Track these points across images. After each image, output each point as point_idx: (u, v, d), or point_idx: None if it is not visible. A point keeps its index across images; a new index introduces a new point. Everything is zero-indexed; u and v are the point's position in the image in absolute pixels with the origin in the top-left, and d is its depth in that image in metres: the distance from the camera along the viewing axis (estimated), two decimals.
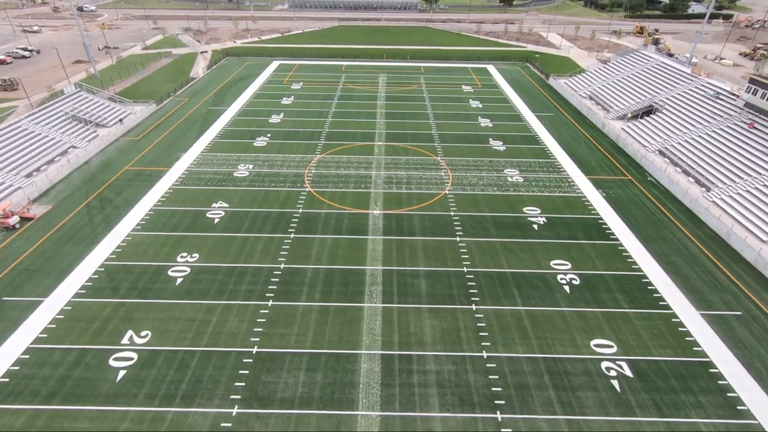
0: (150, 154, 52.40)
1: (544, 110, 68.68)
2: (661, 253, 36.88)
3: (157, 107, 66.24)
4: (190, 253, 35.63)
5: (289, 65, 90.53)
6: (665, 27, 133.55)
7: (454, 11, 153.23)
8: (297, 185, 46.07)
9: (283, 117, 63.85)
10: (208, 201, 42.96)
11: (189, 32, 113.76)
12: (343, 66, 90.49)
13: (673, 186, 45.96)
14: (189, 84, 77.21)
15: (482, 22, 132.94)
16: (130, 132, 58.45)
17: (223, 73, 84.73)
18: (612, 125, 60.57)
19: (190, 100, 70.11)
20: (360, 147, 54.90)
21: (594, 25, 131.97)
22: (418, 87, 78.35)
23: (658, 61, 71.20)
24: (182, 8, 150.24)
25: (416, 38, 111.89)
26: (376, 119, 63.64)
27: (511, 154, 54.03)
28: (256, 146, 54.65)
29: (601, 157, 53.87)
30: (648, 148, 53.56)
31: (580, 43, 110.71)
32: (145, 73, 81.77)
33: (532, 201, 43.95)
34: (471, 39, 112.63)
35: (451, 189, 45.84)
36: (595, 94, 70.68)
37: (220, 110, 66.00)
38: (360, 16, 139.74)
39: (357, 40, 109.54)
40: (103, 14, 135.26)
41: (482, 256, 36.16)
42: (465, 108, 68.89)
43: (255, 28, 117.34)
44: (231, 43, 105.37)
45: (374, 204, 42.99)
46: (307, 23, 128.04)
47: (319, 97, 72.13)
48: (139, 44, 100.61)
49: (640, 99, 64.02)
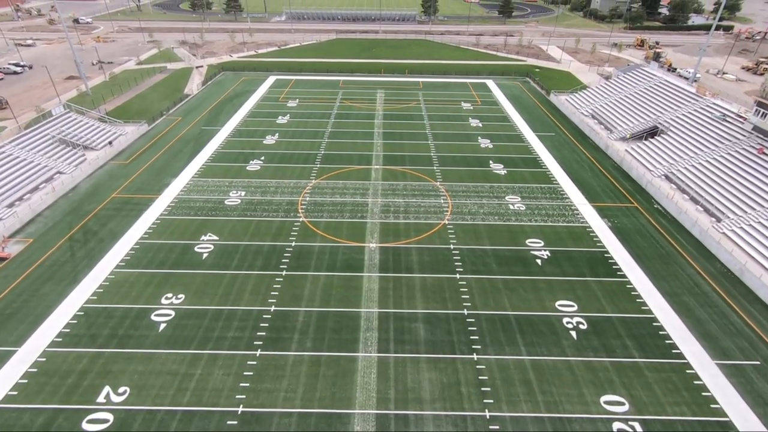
0: (139, 179, 50.64)
1: (545, 129, 67.12)
2: (672, 292, 35.09)
3: (148, 127, 64.59)
4: (175, 294, 33.76)
5: (285, 81, 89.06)
6: (665, 39, 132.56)
7: (453, 23, 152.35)
8: (290, 214, 44.29)
9: (278, 138, 62.22)
10: (197, 233, 41.16)
11: (185, 45, 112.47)
12: (340, 81, 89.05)
13: (681, 215, 44.26)
14: (183, 101, 75.64)
15: (481, 35, 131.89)
16: (120, 155, 56.74)
17: (218, 89, 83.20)
18: (615, 147, 58.97)
19: (183, 119, 68.50)
20: (357, 171, 53.21)
21: (594, 38, 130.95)
22: (416, 104, 76.83)
23: (662, 79, 69.77)
24: (179, 20, 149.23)
25: (415, 51, 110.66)
26: (373, 140, 62.02)
27: (513, 178, 52.35)
28: (249, 170, 52.93)
29: (605, 181, 52.20)
30: (653, 173, 51.90)
31: (581, 56, 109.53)
32: (138, 90, 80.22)
33: (535, 232, 42.19)
34: (470, 52, 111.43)
35: (450, 218, 44.08)
36: (596, 113, 69.17)
37: (213, 130, 64.36)
38: (358, 28, 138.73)
39: (355, 53, 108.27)
40: (99, 26, 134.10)
41: (483, 295, 34.33)
42: (464, 127, 67.33)
43: (252, 41, 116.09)
44: (227, 56, 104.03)
45: (370, 236, 41.20)
46: (304, 36, 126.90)
47: (315, 115, 70.56)
48: (133, 59, 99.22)
49: (644, 119, 62.50)
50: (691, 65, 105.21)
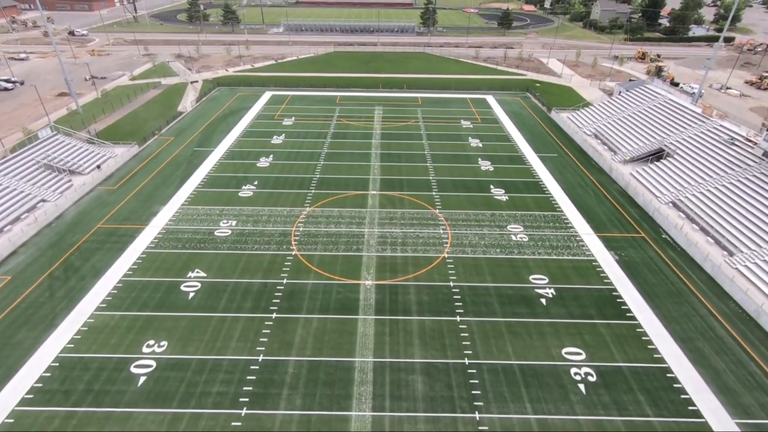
0: (126, 207, 48.69)
1: (547, 150, 65.37)
2: (685, 337, 33.12)
3: (139, 149, 62.75)
4: (158, 341, 31.73)
5: (281, 96, 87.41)
6: (666, 51, 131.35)
7: (452, 34, 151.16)
8: (283, 247, 42.34)
9: (272, 160, 60.39)
10: (184, 269, 39.18)
11: (180, 59, 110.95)
12: (337, 97, 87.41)
13: (691, 247, 42.36)
14: (176, 120, 73.87)
15: (481, 47, 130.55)
16: (108, 180, 54.83)
17: (213, 106, 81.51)
18: (620, 170, 57.18)
19: (175, 139, 66.69)
20: (353, 197, 51.32)
21: (594, 50, 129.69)
22: (415, 123, 75.11)
23: (666, 98, 68.13)
24: (176, 31, 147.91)
25: (413, 65, 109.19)
26: (370, 162, 60.21)
27: (515, 205, 50.47)
28: (241, 197, 51.04)
29: (610, 208, 50.32)
30: (660, 199, 50.06)
31: (582, 70, 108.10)
32: (131, 108, 78.47)
33: (539, 267, 40.25)
34: (469, 66, 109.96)
35: (450, 251, 42.16)
36: (599, 132, 67.46)
37: (206, 152, 62.55)
38: (356, 40, 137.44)
39: (352, 67, 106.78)
40: (95, 39, 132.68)
41: (485, 341, 32.34)
42: (464, 147, 65.57)
43: (248, 55, 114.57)
44: (223, 71, 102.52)
45: (366, 272, 39.24)
46: (302, 48, 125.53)
47: (311, 135, 68.81)
48: (127, 73, 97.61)
49: (648, 141, 60.78)
50: (694, 79, 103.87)
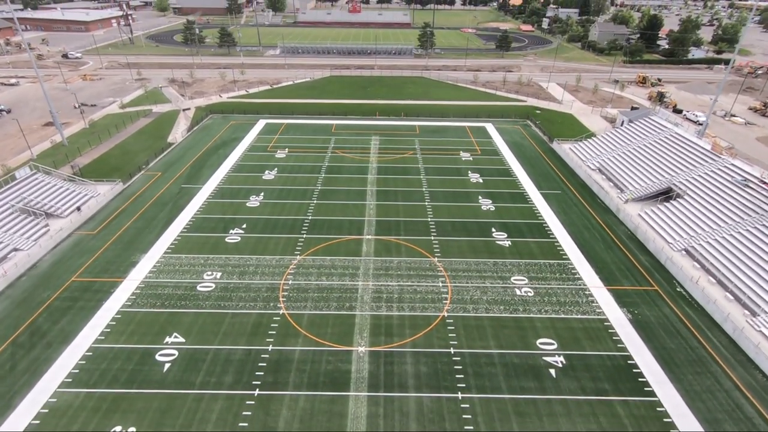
0: (105, 256, 45.64)
1: (551, 186, 62.76)
2: (711, 418, 29.95)
3: (124, 186, 59.96)
4: (125, 427, 28.46)
5: (276, 125, 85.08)
6: (666, 74, 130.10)
7: (450, 56, 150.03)
8: (270, 305, 39.26)
9: (262, 198, 57.62)
10: (161, 332, 36.03)
11: (174, 84, 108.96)
12: (333, 126, 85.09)
13: (709, 305, 39.40)
14: (165, 152, 71.25)
15: (479, 70, 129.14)
16: (88, 223, 51.83)
17: (204, 136, 79.01)
18: (627, 210, 54.46)
19: (163, 175, 63.94)
20: (347, 243, 48.42)
21: (594, 74, 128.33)
22: (412, 155, 72.61)
23: (672, 131, 65.82)
24: (171, 54, 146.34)
25: (411, 91, 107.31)
26: (365, 200, 57.45)
27: (518, 251, 47.58)
28: (228, 243, 48.10)
29: (619, 255, 47.44)
30: (672, 246, 47.23)
31: (582, 95, 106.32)
32: (119, 138, 75.90)
33: (546, 329, 37.17)
34: (468, 91, 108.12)
35: (450, 309, 39.11)
36: (604, 167, 64.97)
37: (194, 189, 59.77)
38: (353, 63, 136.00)
39: (349, 93, 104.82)
40: (89, 62, 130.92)
41: (490, 424, 29.12)
42: (464, 183, 62.93)
43: (243, 80, 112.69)
44: (217, 97, 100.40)
45: (359, 336, 36.13)
46: (298, 72, 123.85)
47: (304, 169, 66.18)
48: (118, 100, 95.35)
49: (656, 179, 58.23)
50: (697, 105, 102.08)
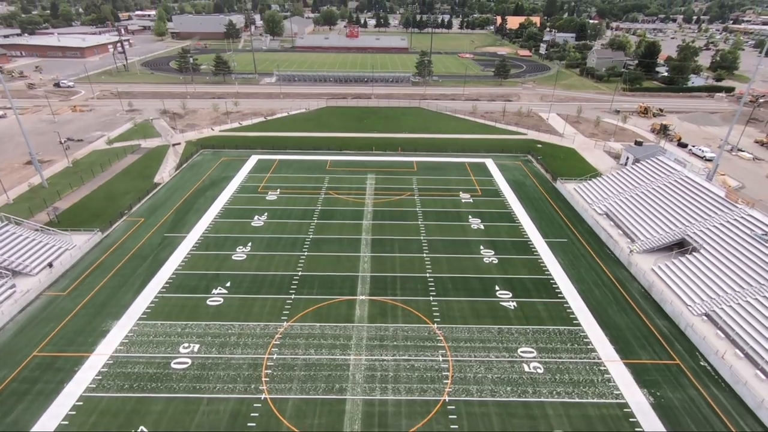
0: (73, 323, 41.68)
1: (556, 233, 59.35)
2: None
3: (102, 236, 56.33)
4: None
5: (268, 161, 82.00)
6: (667, 103, 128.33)
7: (448, 84, 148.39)
8: (251, 386, 35.25)
9: (250, 249, 54.01)
10: (126, 425, 31.94)
11: (166, 115, 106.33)
12: (327, 162, 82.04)
13: (738, 386, 35.54)
14: (150, 194, 67.82)
15: (478, 99, 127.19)
16: (60, 281, 47.96)
17: (193, 175, 75.74)
18: (640, 264, 50.91)
19: (145, 221, 60.40)
20: (338, 305, 44.61)
21: (594, 103, 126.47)
22: (409, 195, 69.35)
23: (681, 175, 62.78)
24: (165, 82, 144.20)
25: (409, 123, 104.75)
26: (360, 251, 53.87)
27: (525, 315, 43.80)
28: (209, 306, 44.23)
29: (635, 320, 43.66)
30: (692, 310, 43.56)
31: (584, 127, 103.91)
32: (103, 179, 72.56)
33: (559, 417, 33.18)
34: (467, 123, 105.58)
35: (451, 391, 35.15)
36: (611, 212, 61.70)
37: (177, 239, 56.16)
38: (350, 92, 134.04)
39: (345, 125, 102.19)
40: (80, 91, 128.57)
41: None
42: (464, 230, 59.47)
43: (237, 111, 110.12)
44: (209, 130, 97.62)
45: (350, 428, 32.08)
46: (293, 102, 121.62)
47: (296, 214, 62.76)
48: (106, 134, 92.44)
49: (668, 229, 54.86)
50: (702, 138, 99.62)
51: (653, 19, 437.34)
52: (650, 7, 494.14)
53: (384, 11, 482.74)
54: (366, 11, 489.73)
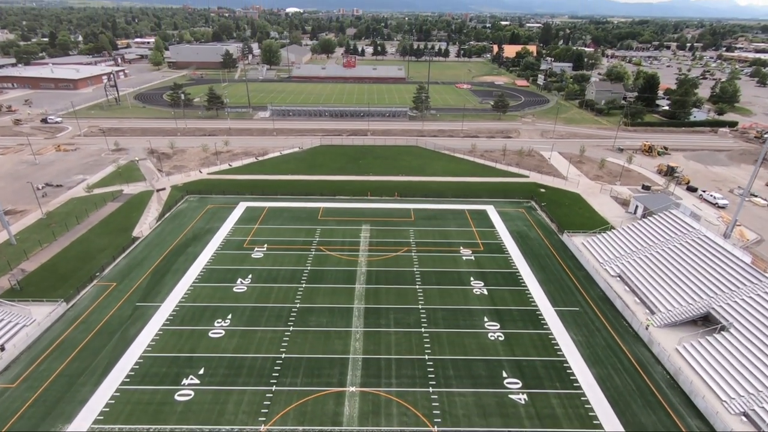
0: (17, 428, 36.17)
1: (567, 299, 54.36)
2: None
3: (67, 307, 51.08)
4: None
5: (257, 210, 77.37)
6: (670, 139, 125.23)
7: (446, 118, 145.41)
8: None
9: (230, 324, 48.73)
10: None
11: (153, 155, 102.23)
12: (320, 210, 77.45)
13: None
14: (126, 252, 62.82)
15: (477, 136, 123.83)
16: (11, 368, 42.40)
17: (176, 226, 70.92)
18: (663, 342, 45.77)
19: (117, 286, 55.25)
20: (324, 400, 39.20)
21: (596, 140, 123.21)
22: (406, 251, 64.58)
23: (698, 233, 58.29)
24: (157, 116, 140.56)
25: (406, 163, 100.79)
26: (351, 325, 48.69)
27: (538, 413, 38.41)
28: (176, 403, 38.71)
29: (663, 419, 38.25)
30: (729, 407, 38.27)
31: (588, 168, 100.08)
32: (77, 233, 67.61)
33: None
34: (466, 164, 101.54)
35: None
36: (625, 275, 56.89)
37: (150, 309, 50.93)
38: (346, 127, 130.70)
39: (340, 166, 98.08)
40: (68, 127, 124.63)
41: None
42: (466, 296, 54.43)
43: (227, 151, 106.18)
44: (197, 172, 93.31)
45: None
46: (287, 139, 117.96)
47: (283, 276, 57.76)
48: (88, 178, 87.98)
49: (690, 299, 49.96)
50: (710, 179, 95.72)
51: (647, 47, 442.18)
52: (644, 35, 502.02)
53: (381, 38, 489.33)
54: (363, 38, 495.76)
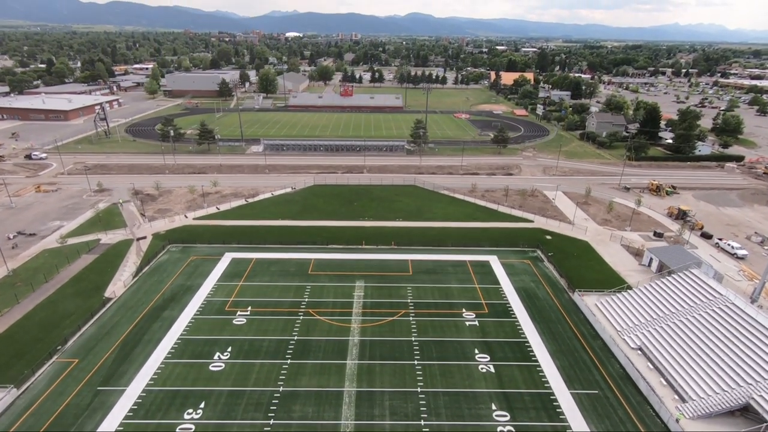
0: None
1: (584, 379, 48.44)
2: None
3: (17, 393, 44.97)
4: None
5: (243, 263, 71.89)
6: (677, 176, 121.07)
7: (445, 152, 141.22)
8: None
9: (200, 417, 42.63)
10: None
11: (137, 197, 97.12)
12: (311, 263, 71.97)
13: None
14: (94, 318, 56.96)
15: (477, 173, 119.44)
16: None
17: (154, 284, 65.23)
18: None
19: (79, 364, 49.21)
20: None
21: (601, 177, 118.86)
22: (403, 316, 58.92)
23: (726, 301, 52.88)
24: (146, 152, 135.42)
25: (403, 205, 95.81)
26: (341, 419, 42.69)
27: None
28: None
29: None
30: None
31: (594, 210, 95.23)
32: (44, 293, 61.82)
33: None
34: (466, 206, 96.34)
35: None
36: (647, 349, 51.17)
37: (113, 395, 44.87)
38: (342, 163, 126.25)
39: (333, 209, 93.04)
40: (52, 164, 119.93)
41: None
42: (471, 376, 48.52)
43: (216, 192, 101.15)
44: (182, 216, 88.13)
45: None
46: (279, 177, 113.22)
47: (266, 349, 51.91)
48: (65, 224, 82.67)
49: (724, 385, 44.12)
50: (724, 224, 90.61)
51: (643, 73, 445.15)
52: (639, 61, 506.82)
53: (379, 64, 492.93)
54: (362, 63, 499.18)
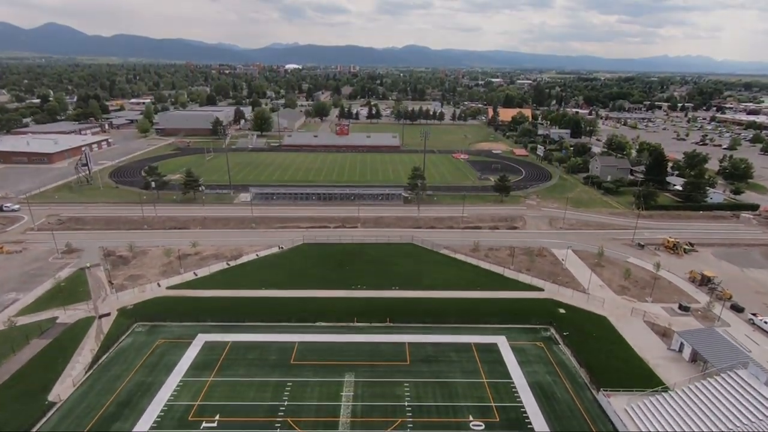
0: None
1: None
2: None
3: None
4: None
5: (217, 347, 62.97)
6: (692, 229, 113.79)
7: (444, 200, 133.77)
8: None
9: None
10: None
11: (109, 259, 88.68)
12: (293, 351, 62.98)
13: None
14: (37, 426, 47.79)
15: (479, 227, 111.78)
16: None
17: (110, 380, 56.02)
18: None
19: None
20: None
21: (612, 230, 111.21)
22: (400, 426, 49.74)
23: None
24: (127, 201, 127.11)
25: (400, 268, 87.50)
26: None
27: None
28: None
29: None
30: None
31: (609, 274, 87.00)
32: None
33: None
34: (469, 270, 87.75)
35: None
36: None
37: None
38: (334, 215, 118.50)
39: (323, 274, 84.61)
40: (23, 217, 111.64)
41: None
42: None
43: (195, 253, 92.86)
44: (155, 284, 79.50)
45: None
46: (266, 233, 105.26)
47: None
48: (21, 297, 73.86)
49: None
50: (753, 290, 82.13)
51: (639, 107, 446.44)
52: (634, 95, 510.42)
53: (377, 98, 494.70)
54: (359, 97, 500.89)
